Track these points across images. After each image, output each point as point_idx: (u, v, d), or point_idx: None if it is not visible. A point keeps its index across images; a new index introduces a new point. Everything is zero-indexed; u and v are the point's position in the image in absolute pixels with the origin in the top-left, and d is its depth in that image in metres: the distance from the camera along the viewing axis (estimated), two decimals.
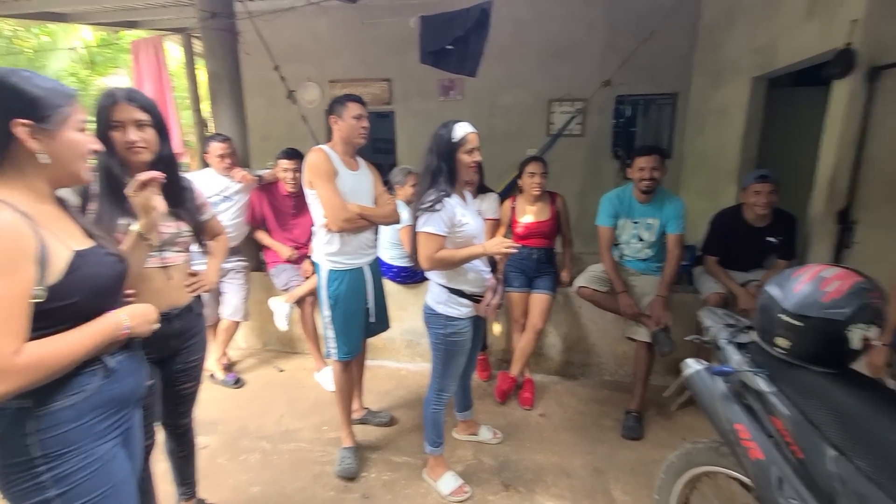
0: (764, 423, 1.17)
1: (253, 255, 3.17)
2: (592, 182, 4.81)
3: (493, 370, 3.00)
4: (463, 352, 1.87)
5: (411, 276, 2.91)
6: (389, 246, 2.88)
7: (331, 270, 2.03)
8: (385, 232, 2.86)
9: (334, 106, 2.02)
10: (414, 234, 1.76)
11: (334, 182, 1.94)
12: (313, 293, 2.71)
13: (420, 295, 1.95)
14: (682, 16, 4.15)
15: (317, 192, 1.95)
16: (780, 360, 1.15)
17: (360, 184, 2.07)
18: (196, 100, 5.56)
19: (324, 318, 2.09)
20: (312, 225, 2.08)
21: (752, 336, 1.27)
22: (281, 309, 2.79)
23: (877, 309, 1.04)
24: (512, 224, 2.80)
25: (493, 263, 2.80)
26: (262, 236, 2.97)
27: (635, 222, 2.56)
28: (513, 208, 2.81)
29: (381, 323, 2.29)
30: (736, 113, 3.61)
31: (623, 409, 2.51)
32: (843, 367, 1.10)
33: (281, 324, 2.78)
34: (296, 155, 2.77)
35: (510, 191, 4.01)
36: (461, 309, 1.81)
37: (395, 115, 5.23)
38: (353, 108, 2.00)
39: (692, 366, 1.35)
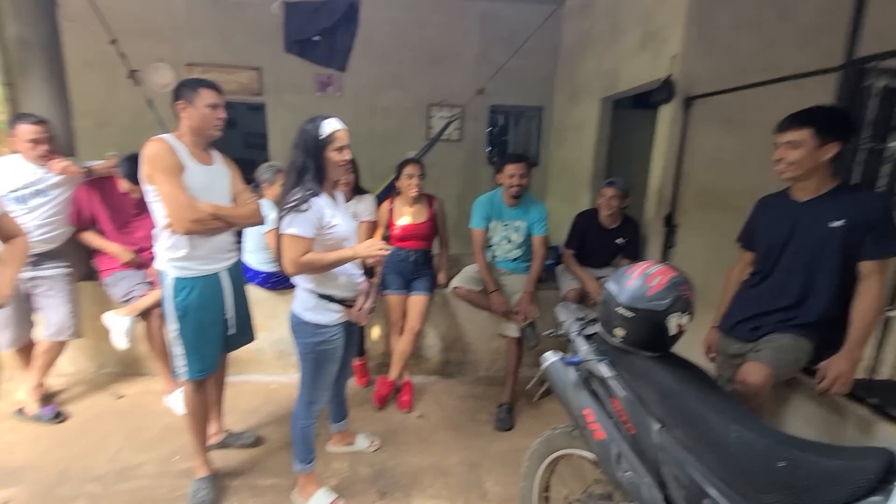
0: (606, 406, 1.30)
1: (81, 261, 2.66)
2: (469, 186, 5.01)
3: (371, 375, 2.93)
4: (334, 360, 1.77)
5: (281, 281, 2.70)
6: (255, 249, 2.63)
7: (178, 279, 1.77)
8: (250, 234, 2.61)
9: (183, 90, 1.76)
10: (278, 237, 1.62)
11: (179, 177, 1.69)
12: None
13: (291, 302, 1.80)
14: (546, 36, 4.54)
15: (157, 189, 1.68)
16: (617, 348, 1.30)
17: (213, 181, 1.84)
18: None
19: (171, 332, 1.82)
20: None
21: (597, 327, 1.41)
22: (120, 324, 2.36)
23: (688, 300, 1.22)
24: (389, 226, 2.77)
25: (369, 266, 2.76)
26: (90, 238, 2.50)
27: (505, 224, 2.72)
28: (390, 210, 2.78)
29: (244, 335, 2.07)
30: (589, 129, 4.06)
31: (497, 402, 2.64)
32: (665, 351, 1.27)
33: (120, 341, 2.35)
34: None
35: (388, 192, 3.98)
36: (331, 315, 1.71)
37: (267, 108, 4.85)
38: (206, 96, 1.76)
39: (549, 358, 1.45)
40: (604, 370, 1.28)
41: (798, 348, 1.60)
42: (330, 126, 1.63)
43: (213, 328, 1.88)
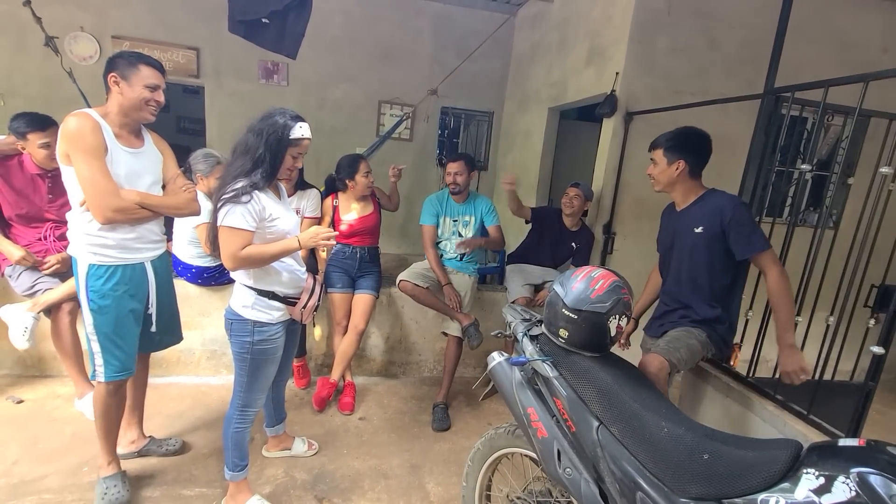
0: (549, 405, 1.34)
1: None
2: (419, 186, 5.00)
3: (312, 377, 2.83)
4: (273, 361, 1.68)
5: (216, 276, 2.54)
6: (187, 243, 2.45)
7: (94, 265, 1.60)
8: (180, 225, 2.42)
9: (119, 62, 1.57)
10: (214, 228, 1.51)
11: (102, 160, 1.53)
12: (73, 298, 2.11)
13: (226, 298, 1.68)
14: (498, 44, 4.64)
15: (76, 171, 1.51)
16: (561, 349, 1.34)
17: (142, 165, 1.67)
18: None
19: (86, 327, 1.64)
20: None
21: (543, 329, 1.45)
22: (19, 320, 2.08)
23: (626, 303, 1.29)
24: (335, 223, 2.69)
25: (313, 261, 2.67)
26: None
27: (454, 220, 2.76)
28: (335, 206, 2.70)
29: (170, 334, 1.92)
30: (536, 136, 4.19)
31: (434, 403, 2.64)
32: (604, 351, 1.33)
33: (18, 341, 2.06)
34: (51, 124, 2.13)
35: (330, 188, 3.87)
36: (272, 313, 1.62)
37: (206, 92, 4.55)
38: (147, 75, 1.57)
39: (495, 358, 1.47)
40: (548, 370, 1.32)
41: (690, 338, 1.74)
42: (301, 130, 1.56)
43: (133, 323, 1.71)
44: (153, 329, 1.81)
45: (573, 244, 2.95)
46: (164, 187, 1.78)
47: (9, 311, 2.13)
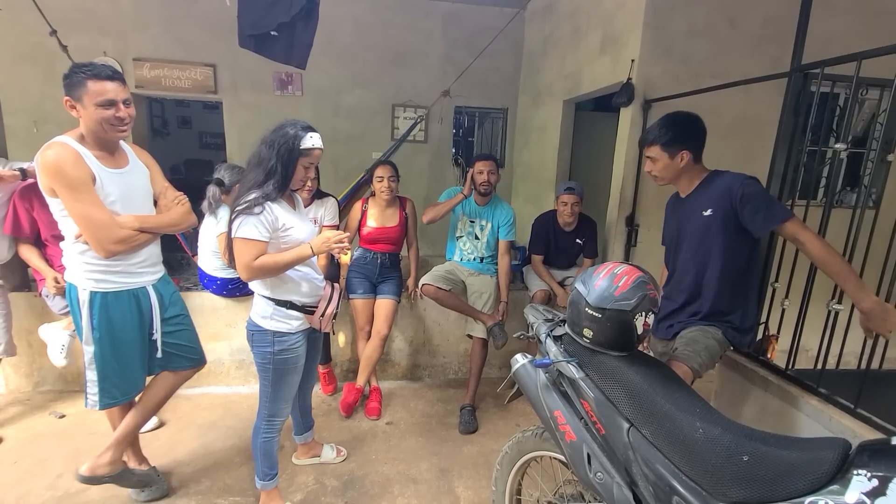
0: (576, 407, 1.30)
1: (16, 269, 2.44)
2: (436, 187, 4.97)
3: (338, 383, 2.85)
4: (296, 370, 1.69)
5: (240, 288, 2.58)
6: (211, 255, 2.50)
7: (96, 293, 1.56)
8: (206, 238, 2.47)
9: (68, 83, 1.42)
10: (230, 240, 1.53)
11: (91, 192, 1.45)
12: None
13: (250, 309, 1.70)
14: (509, 39, 4.57)
15: (66, 207, 1.45)
16: (586, 349, 1.29)
17: (132, 185, 1.60)
18: None
19: (85, 355, 1.62)
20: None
21: (566, 329, 1.41)
22: (58, 338, 2.17)
23: (653, 299, 1.24)
24: (361, 226, 2.70)
25: (334, 269, 2.68)
26: (28, 254, 2.25)
27: (472, 221, 2.73)
28: (364, 211, 2.71)
29: (182, 359, 1.83)
30: (552, 131, 4.12)
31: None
32: (632, 350, 1.28)
33: (57, 358, 2.15)
34: None
35: (353, 195, 3.89)
36: (291, 322, 1.63)
37: (224, 107, 4.65)
38: (96, 91, 1.41)
39: (519, 360, 1.44)
40: (573, 371, 1.28)
41: (707, 338, 1.65)
42: (312, 140, 1.56)
43: (137, 351, 1.67)
44: (158, 355, 1.74)
45: (577, 240, 2.93)
46: (155, 203, 1.74)
47: (47, 330, 2.23)
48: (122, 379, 1.66)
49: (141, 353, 1.70)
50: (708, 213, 1.65)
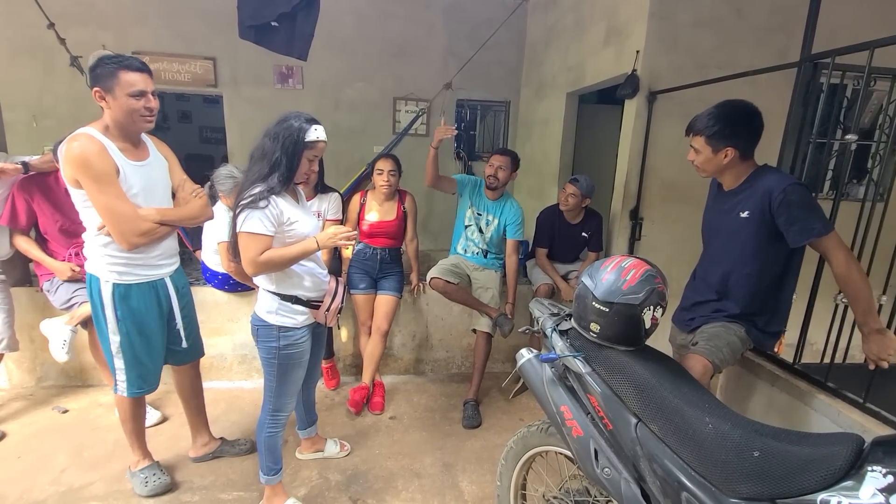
0: (583, 402, 1.29)
1: (17, 264, 2.44)
2: None
3: (341, 377, 2.85)
4: (300, 365, 1.69)
5: (240, 283, 2.57)
6: (214, 251, 2.48)
7: (118, 284, 1.60)
8: (210, 233, 2.46)
9: (98, 74, 1.45)
10: (234, 235, 1.52)
11: (116, 183, 1.48)
12: None
13: (253, 304, 1.69)
14: (511, 31, 4.53)
15: (90, 198, 1.48)
16: (593, 343, 1.28)
17: (154, 177, 1.64)
18: None
19: (111, 344, 1.66)
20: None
21: (572, 323, 1.39)
22: (59, 334, 2.16)
23: (661, 293, 1.22)
24: (359, 220, 2.69)
25: (336, 263, 2.67)
26: (25, 245, 2.24)
27: (479, 214, 2.72)
28: (362, 204, 2.69)
29: (194, 349, 1.93)
30: (555, 123, 4.08)
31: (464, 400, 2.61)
32: (640, 345, 1.26)
33: (58, 354, 2.14)
34: None
35: (355, 189, 3.87)
36: (296, 317, 1.62)
37: (224, 101, 4.62)
38: (128, 82, 1.45)
39: (524, 355, 1.43)
40: (580, 366, 1.26)
41: (730, 335, 1.61)
42: (316, 133, 1.54)
43: (158, 340, 1.74)
44: (184, 344, 1.82)
45: (583, 233, 2.91)
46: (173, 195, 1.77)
47: (48, 326, 2.22)
48: (146, 369, 1.72)
49: (161, 344, 1.75)
50: (745, 214, 1.56)
